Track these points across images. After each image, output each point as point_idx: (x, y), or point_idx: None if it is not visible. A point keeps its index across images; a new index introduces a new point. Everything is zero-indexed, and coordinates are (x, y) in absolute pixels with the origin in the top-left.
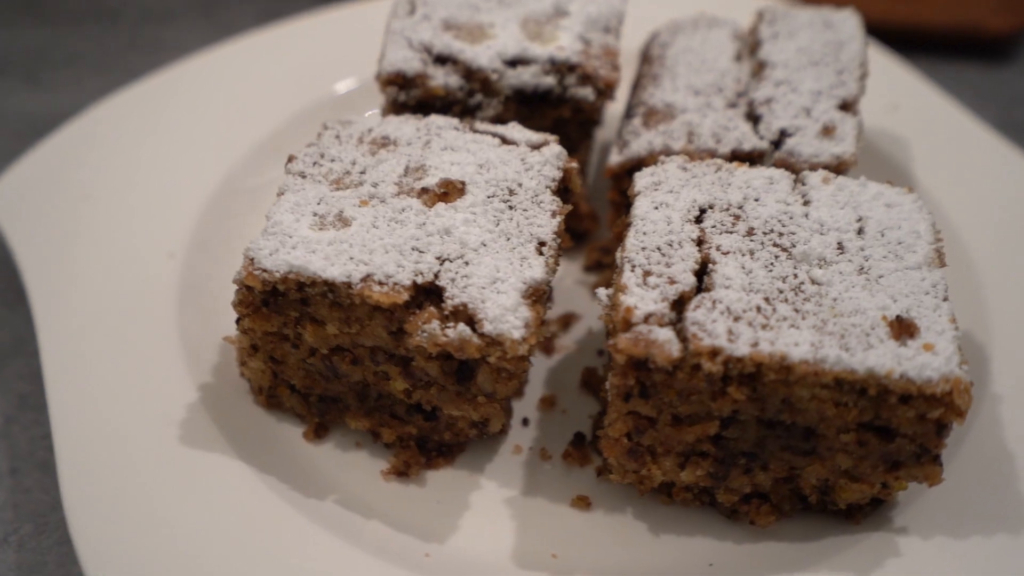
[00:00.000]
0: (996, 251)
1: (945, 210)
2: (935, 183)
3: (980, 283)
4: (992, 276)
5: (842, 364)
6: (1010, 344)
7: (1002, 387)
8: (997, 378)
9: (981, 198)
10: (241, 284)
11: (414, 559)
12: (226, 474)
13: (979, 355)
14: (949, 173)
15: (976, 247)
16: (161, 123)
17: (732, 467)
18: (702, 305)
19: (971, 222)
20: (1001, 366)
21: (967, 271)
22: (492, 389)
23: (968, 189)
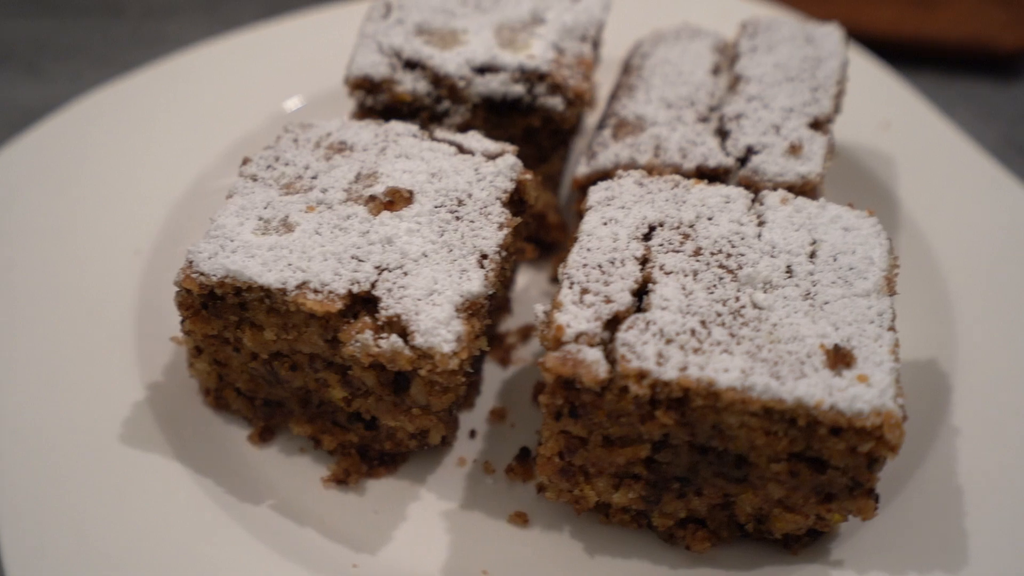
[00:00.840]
0: (973, 280)
1: (925, 234)
2: (919, 205)
3: (953, 311)
4: (966, 305)
5: (770, 393)
6: (975, 377)
7: (961, 420)
8: (957, 410)
9: (964, 223)
10: (180, 286)
11: (342, 570)
12: (160, 474)
13: (942, 385)
14: (935, 196)
15: (953, 275)
16: (139, 120)
17: (665, 491)
18: (635, 326)
19: (950, 248)
20: (963, 398)
21: (941, 298)
22: (426, 401)
23: (952, 213)
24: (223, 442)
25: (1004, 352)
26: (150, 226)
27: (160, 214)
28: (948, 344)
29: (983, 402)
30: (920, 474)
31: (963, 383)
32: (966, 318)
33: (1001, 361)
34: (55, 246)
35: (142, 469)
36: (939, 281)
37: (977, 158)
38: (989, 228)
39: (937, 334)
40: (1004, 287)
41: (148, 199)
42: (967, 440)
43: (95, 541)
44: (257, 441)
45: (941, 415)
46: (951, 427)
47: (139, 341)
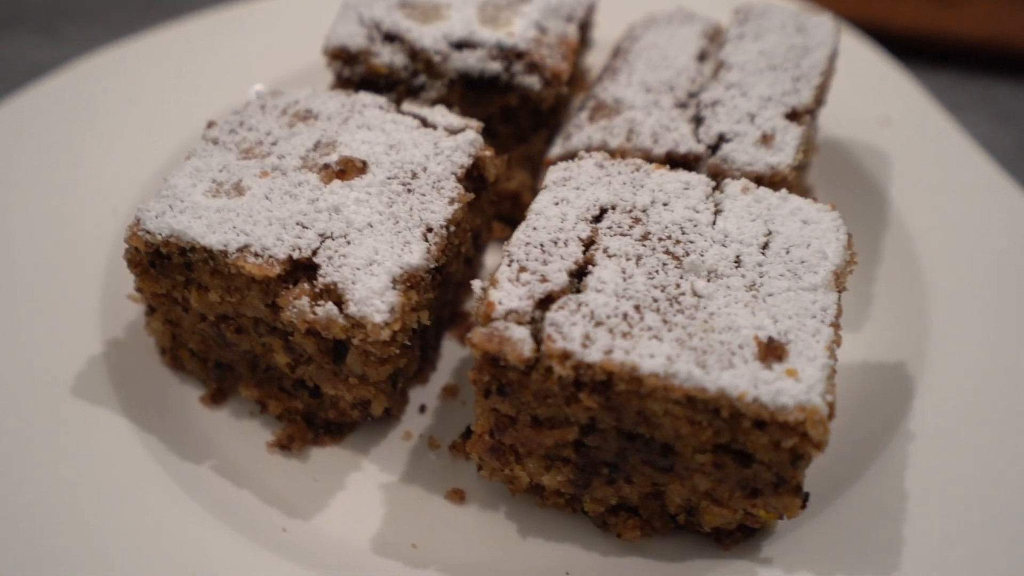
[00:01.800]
0: (954, 287)
1: (912, 235)
2: (909, 205)
3: (930, 313)
4: (944, 312)
5: (693, 381)
6: (940, 384)
7: (919, 425)
8: (916, 415)
9: (954, 227)
10: (128, 243)
11: (270, 533)
12: (103, 427)
13: (905, 388)
14: (927, 196)
15: (934, 279)
16: (133, 85)
17: (594, 476)
18: (566, 307)
19: (936, 252)
20: (924, 403)
21: (920, 299)
22: (362, 371)
23: (943, 216)
24: (175, 401)
25: (973, 363)
26: (131, 187)
27: (143, 176)
28: (919, 350)
29: (943, 411)
30: (867, 477)
31: (926, 389)
32: (942, 325)
33: (968, 372)
34: (39, 198)
35: (85, 420)
36: (919, 285)
37: (977, 160)
38: (979, 232)
39: (909, 339)
40: (986, 296)
41: (133, 161)
42: (921, 447)
43: (25, 483)
44: (209, 403)
45: (899, 420)
46: (907, 432)
47: (104, 297)
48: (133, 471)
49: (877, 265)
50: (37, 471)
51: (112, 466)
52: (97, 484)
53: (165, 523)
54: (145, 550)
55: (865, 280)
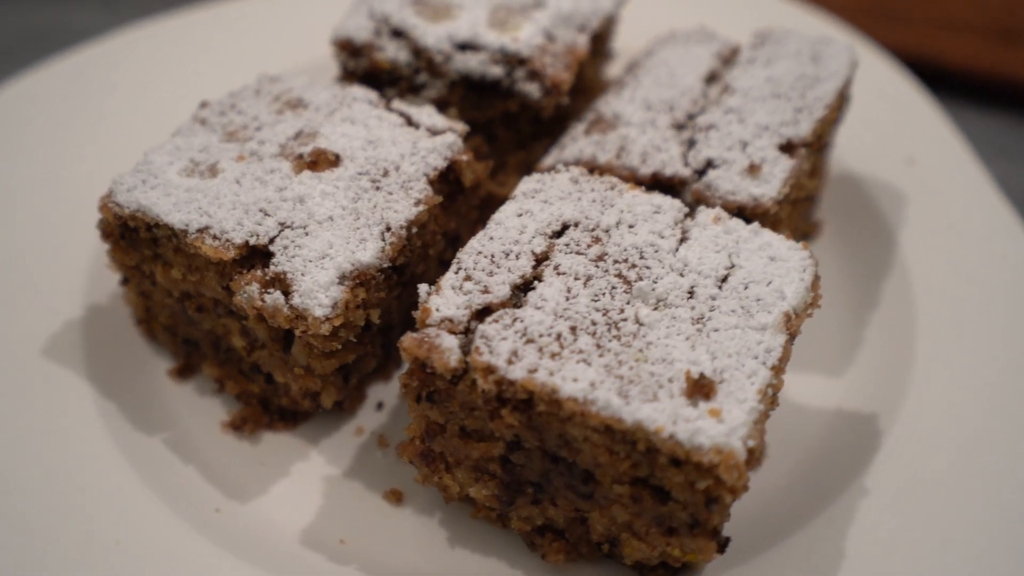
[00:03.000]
0: (945, 341)
1: (913, 281)
2: (916, 250)
3: (914, 370)
4: (928, 366)
5: (611, 410)
6: (907, 442)
7: (875, 483)
8: (873, 472)
9: (958, 278)
10: (100, 213)
11: (201, 511)
12: (64, 390)
13: (870, 443)
14: (936, 243)
15: (927, 331)
16: (153, 64)
17: (519, 494)
18: (501, 320)
19: (935, 301)
20: (886, 461)
21: (908, 353)
22: (306, 363)
23: (948, 264)
24: (143, 371)
25: (943, 429)
26: (133, 158)
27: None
28: (894, 406)
29: (903, 471)
30: (808, 529)
31: (891, 447)
32: (923, 383)
33: (936, 437)
34: (45, 165)
35: (48, 380)
36: (910, 337)
37: (999, 212)
38: (983, 291)
39: (887, 393)
40: (974, 359)
41: (140, 137)
42: (872, 506)
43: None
44: (176, 376)
45: (856, 474)
46: (861, 488)
47: (94, 263)
48: (80, 433)
49: (874, 309)
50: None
51: (60, 426)
52: (42, 440)
53: (98, 488)
54: (73, 510)
55: (858, 323)
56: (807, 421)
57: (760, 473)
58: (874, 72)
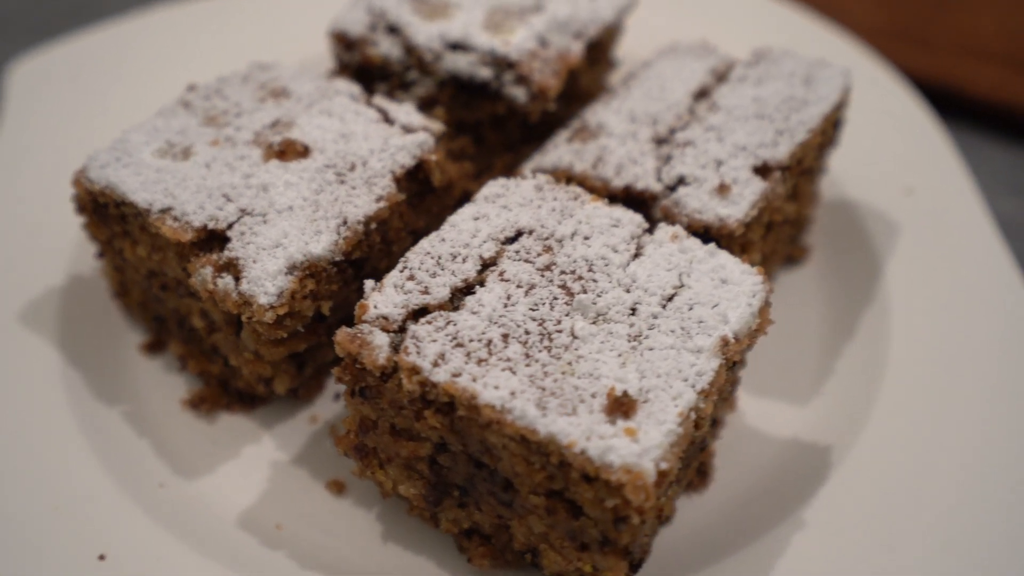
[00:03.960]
0: (915, 380)
1: (892, 314)
2: (900, 283)
3: (876, 406)
4: (892, 404)
5: (526, 420)
6: (852, 479)
7: (813, 517)
8: (814, 506)
9: (938, 314)
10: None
11: (144, 485)
12: (30, 355)
13: (818, 476)
14: (921, 277)
15: (898, 368)
16: (166, 50)
17: (446, 496)
18: (434, 322)
19: (910, 337)
20: (828, 495)
21: (875, 388)
22: (255, 348)
23: (930, 300)
24: (114, 343)
25: (894, 470)
26: None
27: None
28: (850, 441)
29: (843, 508)
30: (737, 559)
31: (837, 482)
32: (883, 421)
33: (884, 477)
34: (56, 137)
35: (16, 344)
36: (880, 373)
37: (991, 249)
38: (961, 328)
39: (846, 427)
40: (940, 400)
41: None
42: (805, 540)
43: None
44: (145, 351)
45: (796, 505)
46: (798, 520)
47: (82, 233)
48: (38, 398)
49: (849, 340)
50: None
51: (21, 389)
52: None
53: (44, 452)
54: (14, 472)
55: (831, 353)
56: (762, 448)
57: (705, 495)
58: (886, 97)
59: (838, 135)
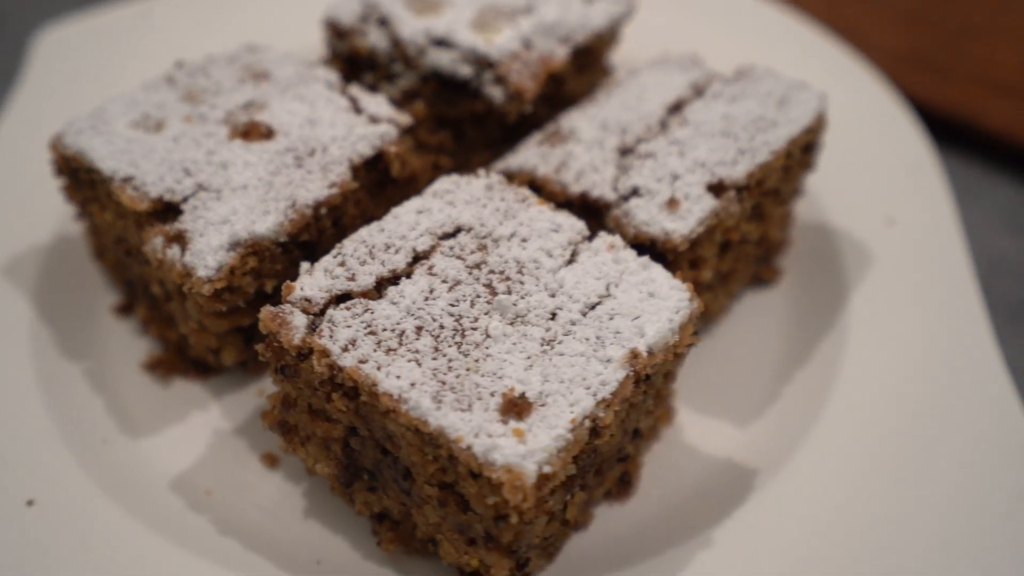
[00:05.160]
0: (852, 413)
1: (848, 348)
2: (861, 317)
3: (809, 436)
4: (825, 433)
5: (419, 412)
6: (769, 504)
7: (723, 537)
8: (725, 526)
9: (893, 348)
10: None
11: (88, 440)
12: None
13: (737, 498)
14: (884, 311)
15: (840, 397)
16: (185, 29)
17: (356, 479)
18: (352, 308)
19: (860, 371)
20: (740, 519)
21: (812, 419)
22: (198, 318)
23: (888, 336)
24: (88, 303)
25: (815, 499)
26: None
27: None
28: (778, 466)
29: (751, 529)
30: (639, 570)
31: (753, 506)
32: (809, 455)
33: (804, 504)
34: (69, 102)
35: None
36: (818, 406)
37: (964, 291)
38: (914, 368)
39: (773, 453)
40: (871, 437)
41: None
42: (706, 558)
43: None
44: (117, 313)
45: (708, 526)
46: (707, 538)
47: None
48: (6, 347)
49: (801, 367)
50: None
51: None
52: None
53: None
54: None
55: (782, 378)
56: (693, 465)
57: (627, 505)
58: (886, 124)
59: (813, 159)
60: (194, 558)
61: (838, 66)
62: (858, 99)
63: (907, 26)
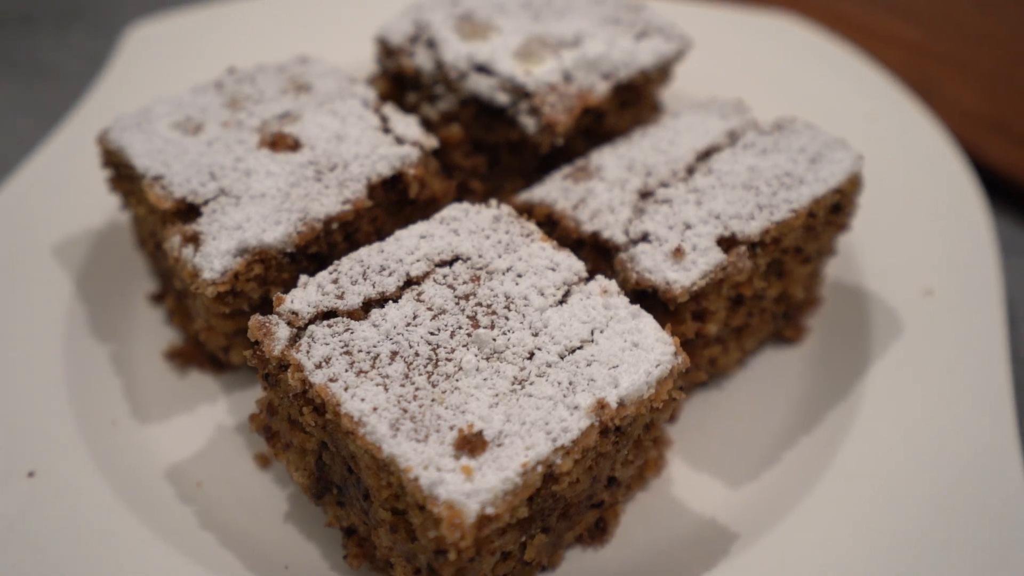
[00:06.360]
0: (841, 493)
1: (857, 422)
2: (877, 391)
3: (796, 509)
4: (812, 508)
5: (374, 437)
6: (748, 570)
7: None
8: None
9: (900, 433)
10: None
11: (98, 420)
12: (44, 281)
13: (711, 560)
14: (901, 393)
15: (835, 473)
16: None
17: (326, 492)
18: (334, 326)
19: (860, 448)
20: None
21: (803, 491)
22: (206, 317)
23: (898, 418)
24: (127, 288)
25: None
26: None
27: None
28: (759, 535)
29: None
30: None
31: (723, 572)
32: (799, 522)
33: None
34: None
35: (35, 269)
36: (816, 475)
37: (995, 377)
38: (918, 457)
39: (763, 523)
40: (858, 518)
41: None
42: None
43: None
44: (151, 301)
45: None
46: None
47: None
48: (35, 320)
49: (806, 433)
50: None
51: (21, 310)
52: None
53: (17, 370)
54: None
55: (785, 442)
56: (677, 519)
57: (601, 552)
58: (946, 188)
59: (845, 220)
60: (168, 548)
61: (904, 121)
62: (920, 158)
63: (985, 86)
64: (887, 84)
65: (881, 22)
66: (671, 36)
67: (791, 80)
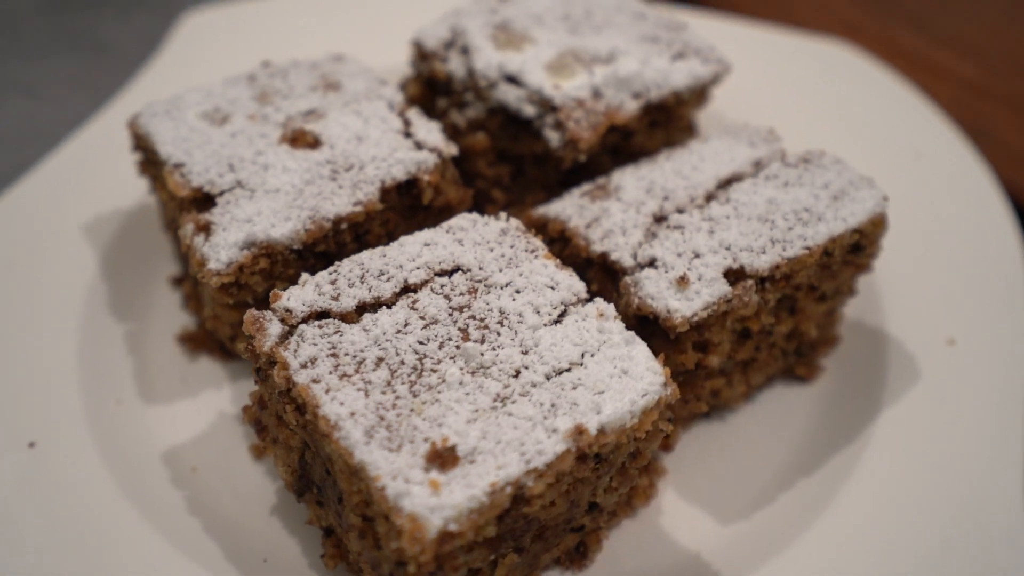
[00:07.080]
0: (836, 538)
1: (859, 469)
2: (883, 440)
3: (788, 550)
4: (807, 551)
5: (348, 442)
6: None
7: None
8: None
9: (905, 486)
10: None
11: (102, 399)
12: (69, 258)
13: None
14: (908, 438)
15: (830, 519)
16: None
17: (307, 491)
18: (324, 327)
19: (858, 498)
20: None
21: (797, 533)
22: (212, 307)
23: (906, 469)
24: (149, 269)
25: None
26: None
27: None
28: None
29: None
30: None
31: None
32: (792, 563)
33: None
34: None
35: (61, 246)
36: (810, 519)
37: (1007, 435)
38: (922, 505)
39: (755, 563)
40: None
41: None
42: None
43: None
44: (172, 283)
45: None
46: None
47: None
48: (56, 294)
49: (805, 476)
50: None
51: (44, 284)
52: (21, 295)
53: (29, 340)
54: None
55: (782, 483)
56: (661, 549)
57: (585, 574)
58: (986, 235)
59: (866, 261)
60: (153, 532)
61: (951, 161)
62: (963, 201)
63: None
64: (937, 120)
65: (938, 56)
66: (708, 59)
67: (836, 109)
